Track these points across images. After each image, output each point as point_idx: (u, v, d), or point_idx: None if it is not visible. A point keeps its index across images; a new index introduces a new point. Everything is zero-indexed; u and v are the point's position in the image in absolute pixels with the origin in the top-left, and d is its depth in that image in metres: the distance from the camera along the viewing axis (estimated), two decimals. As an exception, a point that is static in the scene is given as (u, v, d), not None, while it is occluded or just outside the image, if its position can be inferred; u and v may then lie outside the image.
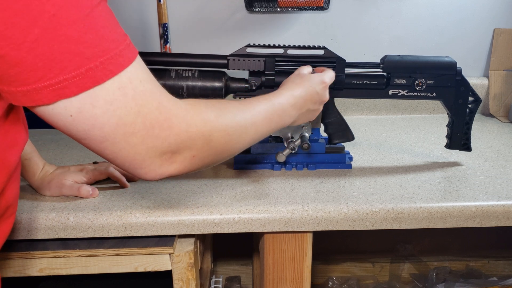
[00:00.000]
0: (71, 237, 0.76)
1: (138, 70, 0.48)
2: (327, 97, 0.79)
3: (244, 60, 0.87)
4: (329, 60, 0.89)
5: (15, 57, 0.42)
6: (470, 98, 0.93)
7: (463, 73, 0.91)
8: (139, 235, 0.76)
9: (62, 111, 0.46)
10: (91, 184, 0.83)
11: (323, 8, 1.17)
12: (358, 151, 1.04)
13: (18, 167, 0.59)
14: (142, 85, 0.48)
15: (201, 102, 0.57)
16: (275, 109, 0.68)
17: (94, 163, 0.87)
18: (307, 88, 0.75)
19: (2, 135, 0.52)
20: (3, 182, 0.54)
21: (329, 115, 0.93)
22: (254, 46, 0.87)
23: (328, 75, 0.80)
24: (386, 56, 0.91)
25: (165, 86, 0.84)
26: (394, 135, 1.17)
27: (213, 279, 1.17)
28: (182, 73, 0.86)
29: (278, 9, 1.18)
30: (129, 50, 0.47)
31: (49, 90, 0.44)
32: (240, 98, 0.89)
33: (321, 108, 0.80)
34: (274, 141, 0.94)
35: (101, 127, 0.47)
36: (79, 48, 0.43)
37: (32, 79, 0.43)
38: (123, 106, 0.47)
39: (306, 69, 0.82)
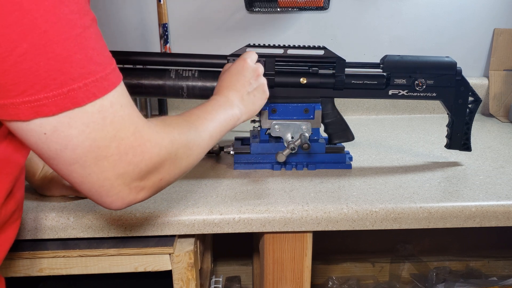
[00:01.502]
0: (71, 237, 0.76)
1: (120, 95, 0.47)
2: (257, 68, 0.77)
3: (244, 60, 0.86)
4: (329, 60, 0.89)
5: None
6: (470, 98, 0.93)
7: (463, 73, 0.91)
8: (139, 235, 0.76)
9: (37, 128, 0.44)
10: (91, 184, 0.83)
11: (323, 8, 1.17)
12: (358, 151, 1.04)
13: (23, 169, 0.58)
14: (122, 110, 0.47)
15: (167, 121, 0.57)
16: (226, 117, 0.68)
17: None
18: (230, 79, 0.75)
19: (13, 136, 0.52)
20: (11, 184, 0.54)
21: (329, 115, 0.93)
22: (254, 46, 0.87)
23: (243, 54, 0.79)
24: (386, 56, 0.91)
25: (165, 86, 0.85)
26: (394, 135, 1.17)
27: (213, 279, 1.17)
28: (182, 73, 0.86)
29: (278, 9, 1.18)
30: (114, 75, 0.46)
31: (28, 106, 0.42)
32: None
33: (261, 80, 0.77)
34: (274, 141, 0.94)
35: (73, 149, 0.45)
36: (66, 68, 0.42)
37: (12, 93, 0.42)
38: (100, 129, 0.45)
39: (227, 65, 0.81)
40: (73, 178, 0.48)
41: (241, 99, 0.73)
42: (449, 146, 0.97)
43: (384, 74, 0.92)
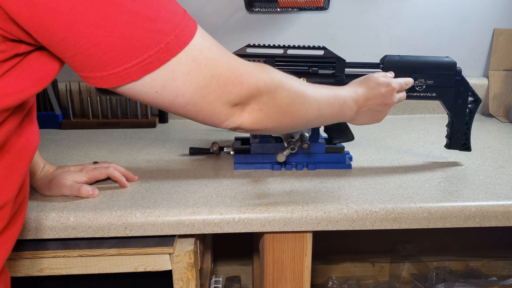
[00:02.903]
0: (71, 237, 0.76)
1: (203, 37, 0.54)
2: (393, 100, 0.82)
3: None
4: (329, 60, 0.89)
5: (108, 43, 0.47)
6: (470, 98, 0.93)
7: (463, 73, 0.92)
8: (139, 235, 0.76)
9: (148, 87, 0.52)
10: (91, 184, 0.83)
11: (323, 8, 1.17)
12: (358, 151, 1.04)
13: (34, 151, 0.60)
14: (211, 51, 0.55)
15: (268, 66, 0.65)
16: (336, 96, 0.74)
17: (94, 163, 0.87)
18: (370, 87, 0.80)
19: (19, 135, 0.53)
20: (19, 184, 0.56)
21: (329, 115, 0.93)
22: (254, 46, 0.87)
23: (397, 80, 0.84)
24: (386, 56, 0.91)
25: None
26: (394, 135, 1.17)
27: (213, 279, 1.17)
28: (182, 73, 0.86)
29: (278, 9, 1.18)
30: (190, 21, 0.53)
31: (137, 67, 0.49)
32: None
33: (387, 110, 0.83)
34: (274, 141, 0.94)
35: (183, 95, 0.54)
36: (157, 26, 0.48)
37: (123, 60, 0.48)
38: (198, 74, 0.54)
39: (377, 73, 0.84)
40: (190, 115, 0.59)
41: (362, 107, 0.79)
42: (449, 146, 0.97)
43: (384, 74, 0.92)
